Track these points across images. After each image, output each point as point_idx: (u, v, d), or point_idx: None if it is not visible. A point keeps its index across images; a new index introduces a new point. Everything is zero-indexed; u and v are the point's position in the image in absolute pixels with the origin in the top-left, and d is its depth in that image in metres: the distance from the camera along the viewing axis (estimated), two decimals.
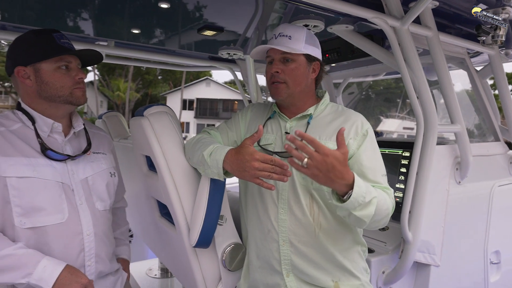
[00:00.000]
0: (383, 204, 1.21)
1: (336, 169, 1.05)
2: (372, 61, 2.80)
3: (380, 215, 1.21)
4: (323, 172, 1.05)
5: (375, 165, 1.32)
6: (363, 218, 1.15)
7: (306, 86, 1.41)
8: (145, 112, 1.46)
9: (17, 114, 1.30)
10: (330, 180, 1.07)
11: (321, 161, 1.04)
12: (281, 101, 1.43)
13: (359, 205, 1.12)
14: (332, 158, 1.05)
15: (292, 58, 1.35)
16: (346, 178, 1.09)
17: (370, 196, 1.15)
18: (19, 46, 1.28)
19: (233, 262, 1.47)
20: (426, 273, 1.98)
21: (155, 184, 1.54)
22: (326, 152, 1.04)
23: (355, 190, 1.10)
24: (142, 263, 3.02)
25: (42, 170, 1.23)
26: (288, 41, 1.35)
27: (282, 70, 1.36)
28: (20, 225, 1.19)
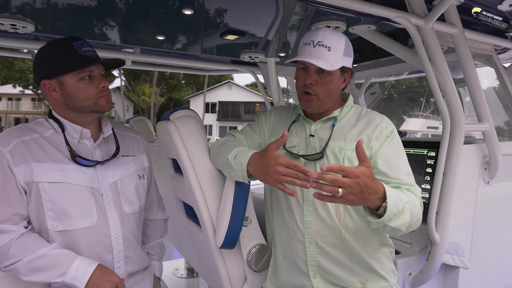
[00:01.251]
0: (414, 207, 1.17)
1: (368, 186, 1.03)
2: (394, 60, 2.74)
3: (414, 219, 1.16)
4: (358, 194, 1.02)
5: (398, 164, 1.28)
6: (399, 228, 1.11)
7: (336, 95, 1.40)
8: (171, 116, 1.48)
9: (49, 121, 1.34)
10: (365, 199, 1.04)
11: (354, 184, 1.00)
12: (313, 112, 1.40)
13: (394, 215, 1.08)
14: (363, 176, 1.02)
15: (328, 72, 1.31)
16: (378, 191, 1.07)
17: (403, 203, 1.11)
18: (42, 59, 1.28)
19: (259, 263, 1.46)
20: (454, 276, 1.91)
21: (182, 187, 1.56)
22: (356, 174, 1.01)
23: (389, 201, 1.06)
24: (169, 263, 3.06)
25: (72, 176, 1.26)
26: (327, 54, 1.28)
27: (317, 82, 1.31)
28: (52, 228, 1.23)
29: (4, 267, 1.14)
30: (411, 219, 1.13)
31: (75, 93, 1.27)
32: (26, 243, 1.16)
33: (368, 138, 1.31)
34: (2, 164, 1.19)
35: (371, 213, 1.12)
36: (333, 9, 1.72)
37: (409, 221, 1.12)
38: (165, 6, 1.94)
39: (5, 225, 1.16)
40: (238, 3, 1.93)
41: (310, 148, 1.38)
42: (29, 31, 2.15)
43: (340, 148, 1.32)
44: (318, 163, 1.33)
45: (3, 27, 2.09)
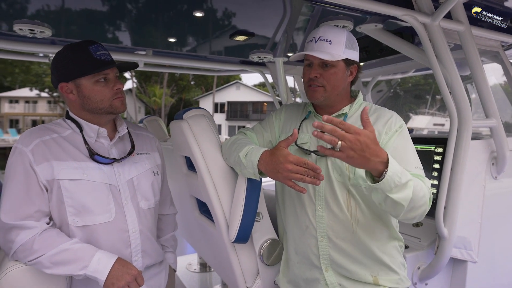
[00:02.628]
0: (420, 189, 1.13)
1: (369, 146, 1.00)
2: (400, 58, 2.72)
3: (417, 201, 1.12)
4: (358, 151, 0.99)
5: (407, 157, 1.26)
6: (400, 201, 1.07)
7: (343, 89, 1.39)
8: (184, 115, 1.50)
9: (67, 122, 1.36)
10: (366, 159, 1.01)
11: (354, 140, 0.98)
12: (319, 103, 1.41)
13: (395, 185, 1.04)
14: (364, 136, 1.00)
15: (331, 63, 1.32)
16: (381, 155, 1.03)
17: (406, 177, 1.07)
18: (59, 62, 1.30)
19: (271, 257, 1.47)
20: (463, 269, 1.90)
21: (195, 183, 1.58)
22: (358, 131, 0.99)
23: (390, 168, 1.02)
24: (182, 258, 3.08)
25: (91, 173, 1.28)
26: (328, 47, 1.30)
27: (321, 75, 1.33)
28: (73, 223, 1.25)
29: (29, 261, 1.16)
30: (413, 198, 1.09)
31: (91, 95, 1.29)
32: (49, 238, 1.19)
33: (378, 133, 1.30)
34: (24, 163, 1.21)
35: (373, 181, 1.08)
36: (340, 8, 1.71)
37: (411, 197, 1.08)
38: (177, 9, 1.95)
39: (28, 221, 1.18)
40: (246, 5, 1.93)
41: (320, 144, 1.37)
42: (46, 35, 2.18)
43: None
44: (329, 159, 1.33)
45: (22, 32, 2.12)
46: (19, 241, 1.16)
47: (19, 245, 1.16)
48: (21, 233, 1.16)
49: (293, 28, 2.33)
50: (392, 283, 1.33)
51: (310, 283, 1.39)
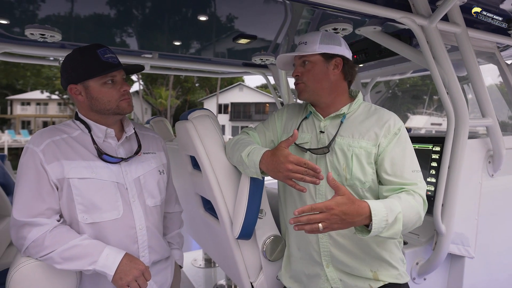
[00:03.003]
0: (410, 212, 1.16)
1: (347, 212, 1.03)
2: (399, 60, 2.71)
3: (410, 223, 1.17)
4: (339, 222, 1.03)
5: (404, 162, 1.27)
6: (392, 236, 1.13)
7: (329, 83, 1.38)
8: (189, 116, 1.50)
9: (76, 123, 1.37)
10: (350, 223, 1.05)
11: (330, 216, 1.02)
12: (306, 100, 1.44)
13: (383, 228, 1.09)
14: (337, 206, 1.02)
15: (308, 60, 1.38)
16: (362, 212, 1.06)
17: (393, 214, 1.10)
18: (68, 65, 1.31)
19: (273, 253, 1.47)
20: (460, 265, 1.89)
21: (200, 182, 1.58)
22: (329, 206, 1.02)
23: (374, 219, 1.07)
24: (188, 254, 3.09)
25: (99, 172, 1.29)
26: (303, 47, 1.39)
27: (301, 72, 1.40)
28: (82, 220, 1.25)
29: (40, 257, 1.17)
30: (404, 226, 1.14)
31: (99, 96, 1.30)
32: (59, 235, 1.19)
33: (376, 135, 1.29)
34: (36, 163, 1.22)
35: (361, 230, 1.12)
36: (339, 12, 1.71)
37: (401, 230, 1.13)
38: (182, 14, 1.95)
39: (39, 218, 1.19)
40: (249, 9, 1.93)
41: (320, 144, 1.37)
42: (56, 39, 2.19)
43: (349, 145, 1.30)
44: (328, 158, 1.33)
45: (33, 36, 2.14)
46: (31, 238, 1.16)
47: (31, 241, 1.16)
48: (32, 230, 1.17)
49: (294, 31, 2.33)
50: (391, 278, 1.32)
51: (311, 278, 1.39)
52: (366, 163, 1.28)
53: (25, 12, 1.90)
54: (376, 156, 1.29)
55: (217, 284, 2.61)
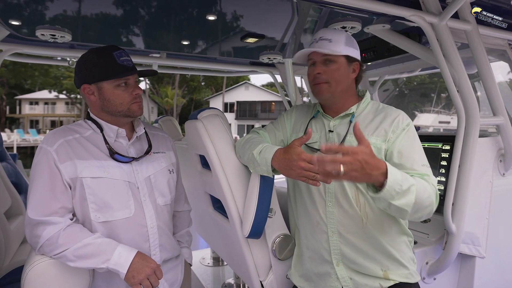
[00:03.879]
0: (423, 192, 1.14)
1: (368, 162, 1.02)
2: (407, 58, 2.69)
3: (422, 203, 1.13)
4: (359, 170, 1.01)
5: (413, 155, 1.26)
6: (404, 207, 1.09)
7: (347, 86, 1.38)
8: (199, 115, 1.50)
9: (88, 123, 1.38)
10: (368, 175, 1.03)
11: (354, 161, 1.00)
12: (323, 101, 1.41)
13: (396, 193, 1.06)
14: (362, 153, 1.01)
15: (333, 60, 1.33)
16: (380, 167, 1.05)
17: (407, 183, 1.08)
18: (83, 65, 1.32)
19: (283, 252, 1.47)
20: (471, 265, 1.87)
21: (209, 181, 1.58)
22: (355, 151, 1.01)
23: (389, 178, 1.04)
24: (196, 253, 3.10)
25: (111, 171, 1.30)
26: (328, 44, 1.33)
27: (324, 71, 1.34)
28: (95, 219, 1.27)
29: (54, 255, 1.19)
30: (416, 202, 1.11)
31: (112, 98, 1.31)
32: (73, 233, 1.21)
33: (385, 131, 1.29)
34: (49, 162, 1.23)
35: (374, 190, 1.10)
36: (347, 10, 1.70)
37: (413, 202, 1.10)
38: (190, 13, 1.96)
39: (53, 217, 1.20)
40: (256, 8, 1.94)
41: (329, 143, 1.37)
42: (66, 40, 2.22)
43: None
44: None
45: (44, 37, 2.16)
46: (45, 236, 1.18)
47: (45, 239, 1.18)
48: (47, 228, 1.19)
49: (302, 30, 2.33)
50: (402, 277, 1.32)
51: (321, 277, 1.39)
52: None
53: (36, 13, 1.92)
54: (386, 151, 1.29)
55: (225, 283, 2.62)
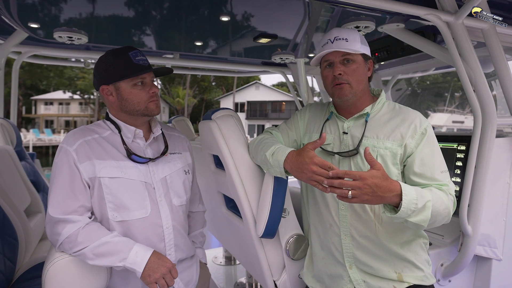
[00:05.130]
0: (440, 204, 1.17)
1: (379, 186, 1.05)
2: (421, 57, 2.65)
3: (438, 216, 1.17)
4: (370, 194, 1.04)
5: (433, 163, 1.25)
6: (420, 223, 1.13)
7: (365, 84, 1.37)
8: (213, 116, 1.51)
9: (106, 123, 1.40)
10: (380, 197, 1.07)
11: (363, 186, 1.03)
12: (344, 101, 1.37)
13: (412, 212, 1.10)
14: (371, 178, 1.04)
15: (352, 59, 1.31)
16: (394, 189, 1.08)
17: (423, 200, 1.12)
18: (101, 66, 1.35)
19: (296, 251, 1.47)
20: (487, 267, 1.84)
21: (223, 180, 1.59)
22: (363, 176, 1.03)
23: (404, 199, 1.08)
24: (208, 252, 3.12)
25: (128, 171, 1.32)
26: (346, 43, 1.30)
27: (344, 71, 1.31)
28: (112, 218, 1.29)
29: (74, 252, 1.21)
30: (433, 215, 1.14)
31: (129, 97, 1.33)
32: (91, 232, 1.23)
33: (402, 136, 1.27)
34: (69, 162, 1.26)
35: (390, 209, 1.14)
36: (360, 9, 1.69)
37: (429, 218, 1.13)
38: (204, 15, 1.98)
39: (73, 215, 1.23)
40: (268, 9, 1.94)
41: (343, 145, 1.36)
42: (83, 42, 2.26)
43: (373, 146, 1.29)
44: (353, 160, 1.32)
45: (61, 39, 2.21)
46: (65, 234, 1.21)
47: (65, 237, 1.21)
48: (66, 227, 1.21)
49: (314, 29, 2.32)
50: (416, 280, 1.30)
51: (334, 279, 1.38)
52: (391, 164, 1.26)
53: (54, 16, 1.96)
54: (402, 156, 1.27)
55: (237, 282, 2.64)
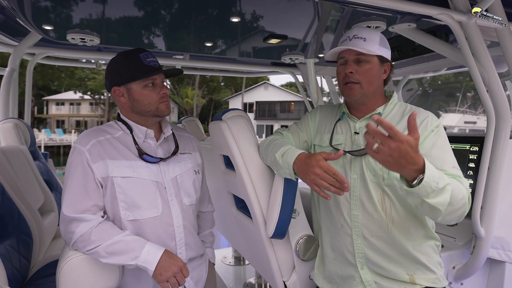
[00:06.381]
0: (459, 192, 1.08)
1: (408, 155, 0.95)
2: (432, 56, 2.63)
3: (456, 204, 1.07)
4: (395, 158, 0.95)
5: (444, 157, 1.22)
6: (437, 206, 1.04)
7: (378, 86, 1.36)
8: (223, 116, 1.52)
9: (118, 124, 1.43)
10: (401, 166, 0.98)
11: (395, 148, 0.94)
12: (353, 101, 1.38)
13: (432, 191, 1.00)
14: (406, 144, 0.94)
15: (366, 59, 1.30)
16: (417, 163, 0.98)
17: (443, 182, 1.03)
18: (113, 68, 1.37)
19: (307, 252, 1.47)
20: (500, 270, 1.82)
21: (233, 181, 1.60)
22: (402, 139, 0.94)
23: (427, 173, 0.99)
24: (217, 252, 3.13)
25: (140, 171, 1.34)
26: (363, 43, 1.29)
27: (356, 71, 1.30)
28: (124, 217, 1.31)
29: (87, 251, 1.24)
30: (452, 202, 1.06)
31: (140, 98, 1.35)
32: (104, 230, 1.25)
33: None
34: (83, 161, 1.29)
35: (407, 184, 1.05)
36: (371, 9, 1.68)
37: (448, 202, 1.05)
38: (214, 16, 1.99)
39: (86, 214, 1.25)
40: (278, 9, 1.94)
41: (355, 145, 1.35)
42: (95, 43, 2.30)
43: None
44: (364, 159, 1.31)
45: (74, 40, 2.25)
46: (78, 232, 1.23)
47: (78, 236, 1.23)
48: (80, 225, 1.24)
49: (323, 30, 2.31)
50: (429, 282, 1.29)
51: (345, 280, 1.38)
52: None
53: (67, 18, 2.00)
54: None
55: (247, 282, 2.64)
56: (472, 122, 14.55)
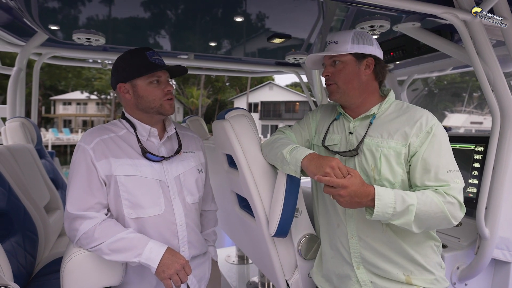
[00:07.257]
0: (430, 209, 1.13)
1: (357, 192, 1.10)
2: (438, 56, 2.60)
3: (428, 220, 1.15)
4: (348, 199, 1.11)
5: (439, 162, 1.20)
6: (404, 226, 1.15)
7: (360, 83, 1.35)
8: (226, 116, 1.53)
9: (122, 122, 1.44)
10: (358, 203, 1.13)
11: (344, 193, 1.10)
12: (338, 101, 1.41)
13: (391, 215, 1.12)
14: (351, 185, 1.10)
15: (339, 60, 1.35)
16: (369, 194, 1.12)
17: (404, 205, 1.12)
18: (119, 65, 1.39)
19: (309, 251, 1.47)
20: (505, 271, 1.80)
21: (236, 180, 1.61)
22: (345, 184, 1.10)
23: (377, 203, 1.12)
24: (221, 251, 3.15)
25: (143, 170, 1.35)
26: (335, 46, 1.35)
27: (332, 73, 1.37)
28: (128, 215, 1.32)
29: (91, 248, 1.25)
30: (421, 219, 1.14)
31: (145, 95, 1.36)
32: (108, 228, 1.26)
33: (406, 134, 1.23)
34: (87, 160, 1.30)
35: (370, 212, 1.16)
36: (375, 8, 1.67)
37: (412, 221, 1.13)
38: (218, 15, 2.00)
39: (90, 212, 1.27)
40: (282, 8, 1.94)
41: (349, 145, 1.35)
42: (101, 43, 2.31)
43: (377, 145, 1.27)
44: (357, 160, 1.31)
45: (80, 40, 2.27)
46: (82, 230, 1.24)
47: (82, 233, 1.24)
48: (84, 223, 1.25)
49: (328, 29, 2.31)
50: (426, 283, 1.27)
51: (341, 279, 1.37)
52: (396, 164, 1.23)
53: (73, 18, 2.02)
54: (407, 156, 1.24)
55: (250, 281, 2.65)
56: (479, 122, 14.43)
